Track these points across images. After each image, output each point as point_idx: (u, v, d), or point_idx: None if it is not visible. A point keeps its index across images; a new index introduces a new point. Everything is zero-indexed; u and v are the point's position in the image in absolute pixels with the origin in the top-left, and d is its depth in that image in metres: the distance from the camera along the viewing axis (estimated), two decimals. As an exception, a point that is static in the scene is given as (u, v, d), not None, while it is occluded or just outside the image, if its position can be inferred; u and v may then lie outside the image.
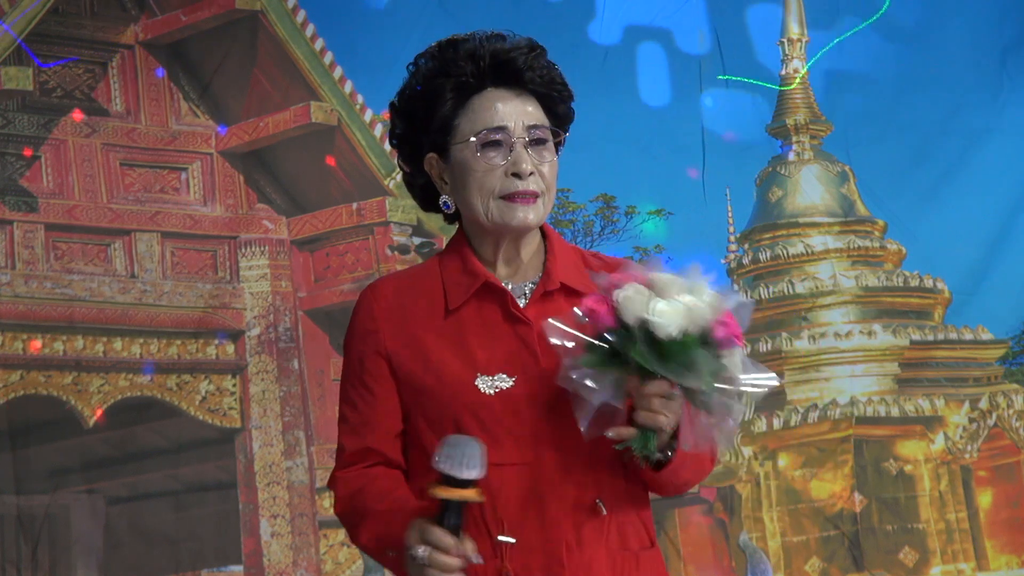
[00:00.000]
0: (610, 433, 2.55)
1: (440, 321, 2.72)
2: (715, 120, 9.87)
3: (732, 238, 10.48)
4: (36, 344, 9.21)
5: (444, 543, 2.51)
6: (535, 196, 2.70)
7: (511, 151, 2.68)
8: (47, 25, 9.37)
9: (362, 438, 2.77)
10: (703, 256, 10.30)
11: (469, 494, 2.53)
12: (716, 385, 2.51)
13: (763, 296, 10.11)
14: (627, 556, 2.69)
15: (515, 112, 2.69)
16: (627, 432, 2.55)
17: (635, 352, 2.50)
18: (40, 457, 9.44)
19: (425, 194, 2.81)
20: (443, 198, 2.76)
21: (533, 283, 2.75)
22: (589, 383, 2.52)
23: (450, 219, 2.81)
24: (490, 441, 2.58)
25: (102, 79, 9.71)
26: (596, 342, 2.52)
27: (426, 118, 2.72)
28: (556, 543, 2.62)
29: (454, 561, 2.52)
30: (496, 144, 2.68)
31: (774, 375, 2.57)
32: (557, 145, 2.75)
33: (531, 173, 2.68)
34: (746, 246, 10.38)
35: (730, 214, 10.43)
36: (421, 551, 2.52)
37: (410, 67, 2.74)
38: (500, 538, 2.61)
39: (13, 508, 9.27)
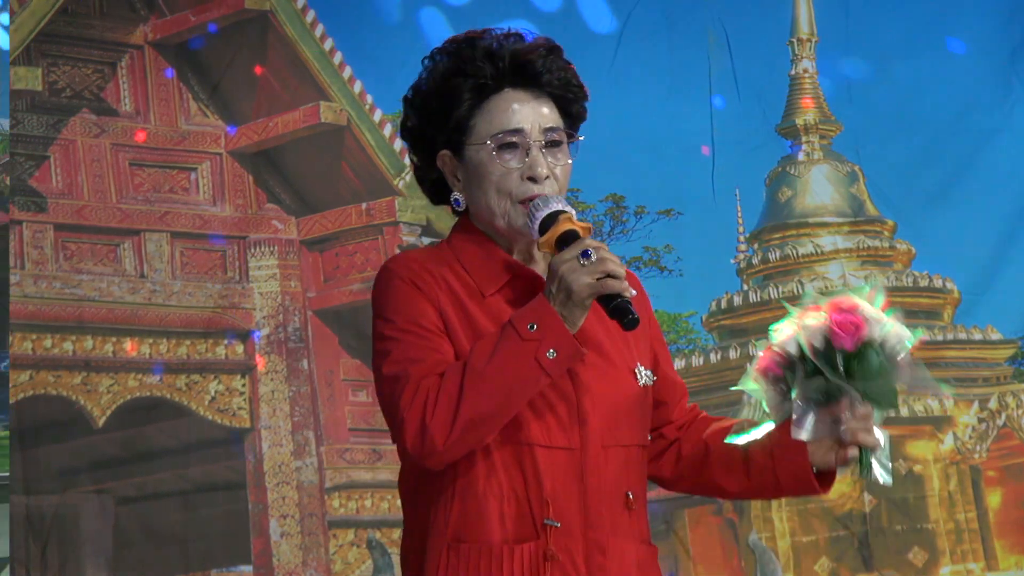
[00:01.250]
0: (837, 461, 2.71)
1: (479, 299, 2.68)
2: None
3: (742, 238, 10.47)
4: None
5: (601, 246, 2.53)
6: None
7: (527, 154, 2.67)
8: (56, 25, 9.37)
9: (429, 356, 2.61)
10: (713, 256, 10.30)
11: (578, 225, 2.56)
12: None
13: (773, 296, 10.09)
14: (648, 550, 2.72)
15: (532, 114, 2.68)
16: (853, 454, 2.72)
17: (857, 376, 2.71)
18: (49, 457, 9.44)
19: (436, 188, 2.79)
20: (455, 195, 2.75)
21: None
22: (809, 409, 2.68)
23: (458, 213, 2.79)
24: (537, 421, 2.58)
25: (111, 79, 9.70)
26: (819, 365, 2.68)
27: (441, 116, 2.69)
28: (597, 529, 2.62)
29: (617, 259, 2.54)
30: (512, 147, 2.67)
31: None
32: (571, 146, 2.75)
33: (547, 177, 2.67)
34: (756, 246, 10.36)
35: (740, 214, 10.41)
36: (590, 251, 2.50)
37: (425, 61, 2.72)
38: (546, 521, 2.59)
39: (22, 508, 9.26)
